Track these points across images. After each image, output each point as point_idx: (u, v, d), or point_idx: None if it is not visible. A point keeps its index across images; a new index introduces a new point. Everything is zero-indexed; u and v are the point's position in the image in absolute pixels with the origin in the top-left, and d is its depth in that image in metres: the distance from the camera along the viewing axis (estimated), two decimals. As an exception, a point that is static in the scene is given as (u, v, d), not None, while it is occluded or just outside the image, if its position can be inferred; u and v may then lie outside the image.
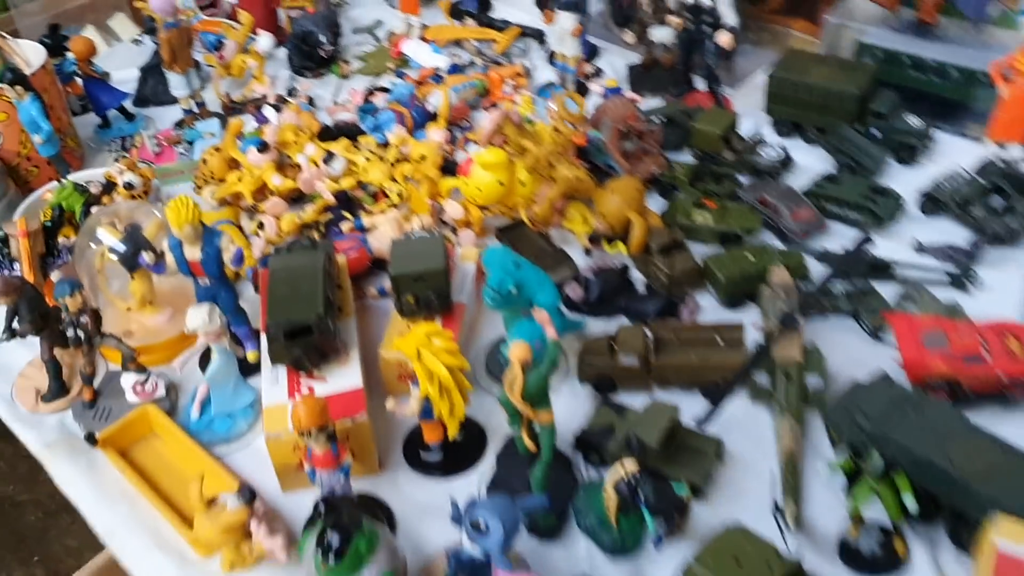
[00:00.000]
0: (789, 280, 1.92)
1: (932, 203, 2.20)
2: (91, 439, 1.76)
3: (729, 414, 1.76)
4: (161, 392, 1.86)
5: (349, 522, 1.39)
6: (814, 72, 2.41)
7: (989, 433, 1.53)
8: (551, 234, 2.18)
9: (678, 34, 2.51)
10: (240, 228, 2.22)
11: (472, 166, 2.11)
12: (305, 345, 1.67)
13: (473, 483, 1.69)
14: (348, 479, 1.56)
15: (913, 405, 1.59)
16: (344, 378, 1.72)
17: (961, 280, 1.99)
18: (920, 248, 2.11)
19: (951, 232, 2.16)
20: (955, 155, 2.38)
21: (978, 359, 1.71)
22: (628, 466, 1.50)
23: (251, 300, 2.13)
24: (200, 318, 1.68)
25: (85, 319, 1.82)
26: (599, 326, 1.99)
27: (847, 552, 1.53)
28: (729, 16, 2.38)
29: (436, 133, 2.24)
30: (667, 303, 1.97)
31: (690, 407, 1.79)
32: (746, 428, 1.74)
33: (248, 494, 1.53)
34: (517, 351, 1.54)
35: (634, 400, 1.81)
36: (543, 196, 2.09)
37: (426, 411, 1.61)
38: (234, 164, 2.30)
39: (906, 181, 2.29)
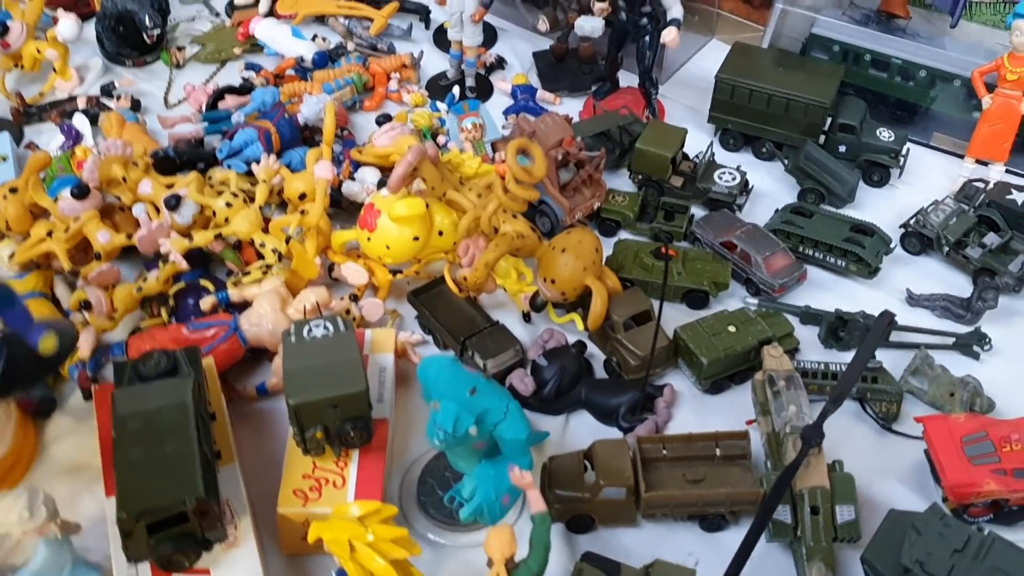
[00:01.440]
0: (789, 366, 1.55)
1: (917, 240, 1.88)
2: None
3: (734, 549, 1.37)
4: (-44, 583, 1.29)
5: None
6: (770, 74, 2.01)
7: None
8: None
9: (608, 23, 2.04)
10: (56, 304, 1.63)
11: (379, 218, 1.60)
12: (178, 538, 1.15)
13: None
14: None
15: (976, 549, 1.26)
16: (237, 568, 1.22)
17: (971, 347, 1.69)
18: (912, 300, 1.79)
19: (940, 275, 1.85)
20: (926, 174, 2.06)
21: (1033, 472, 1.40)
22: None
23: (77, 411, 1.57)
24: (15, 512, 1.13)
25: None
26: (554, 424, 1.57)
27: None
28: (675, 7, 1.94)
29: (323, 168, 1.68)
30: (640, 395, 1.56)
31: (685, 542, 1.42)
32: (762, 572, 1.38)
33: None
34: (498, 543, 1.10)
35: (618, 540, 1.41)
36: (473, 255, 1.61)
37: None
38: (40, 211, 1.68)
39: (881, 209, 1.96)
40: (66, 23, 2.05)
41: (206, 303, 1.60)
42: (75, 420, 1.56)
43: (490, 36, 2.38)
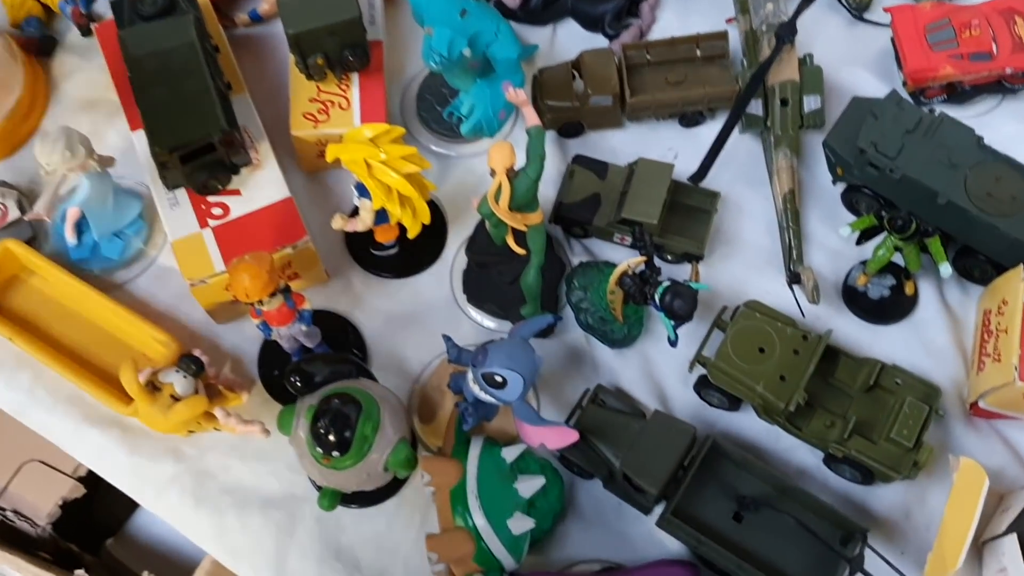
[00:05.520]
0: (767, -38, 1.58)
1: None
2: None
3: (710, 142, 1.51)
4: (15, 213, 1.44)
5: (344, 410, 1.16)
6: None
7: (1007, 157, 1.37)
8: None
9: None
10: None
11: None
12: (210, 165, 1.28)
13: (442, 277, 1.46)
14: (311, 324, 1.29)
15: (925, 129, 1.39)
16: (265, 187, 1.35)
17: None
18: None
19: None
20: None
21: (987, 56, 1.50)
22: (632, 262, 1.30)
23: (79, 48, 1.63)
24: (57, 153, 1.24)
25: None
26: (542, 36, 1.63)
27: (853, 297, 1.44)
28: None
29: None
30: (625, 0, 1.60)
31: (666, 138, 1.55)
32: (736, 161, 1.52)
33: (194, 366, 1.24)
34: (499, 157, 1.23)
35: (606, 142, 1.55)
36: None
37: (380, 218, 1.31)
38: None
39: None
40: None
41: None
42: (80, 57, 1.61)
43: None
